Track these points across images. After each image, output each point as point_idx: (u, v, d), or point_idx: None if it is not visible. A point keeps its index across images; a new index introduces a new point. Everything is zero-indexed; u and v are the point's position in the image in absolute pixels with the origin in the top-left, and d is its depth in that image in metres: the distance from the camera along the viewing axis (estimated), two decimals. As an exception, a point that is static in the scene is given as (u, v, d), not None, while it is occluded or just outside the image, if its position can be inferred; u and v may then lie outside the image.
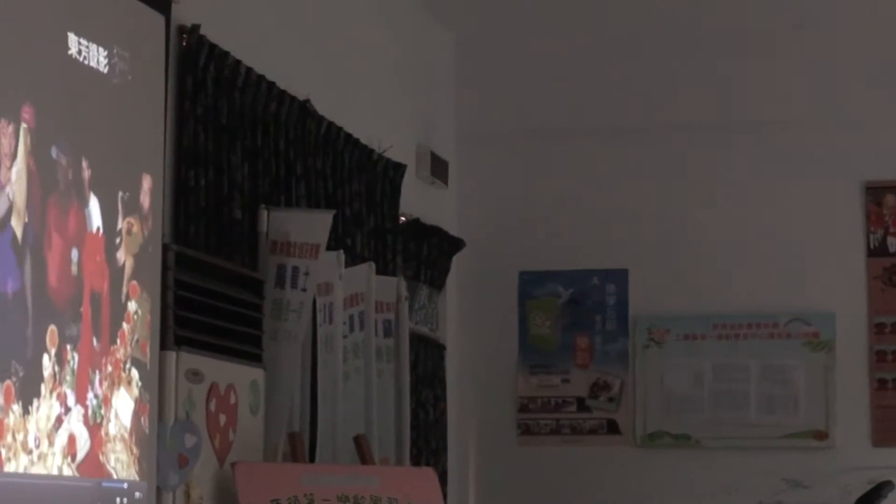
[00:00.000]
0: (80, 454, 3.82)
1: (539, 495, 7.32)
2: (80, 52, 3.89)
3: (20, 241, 3.58)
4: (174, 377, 4.33)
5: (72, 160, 3.82)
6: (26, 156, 3.62)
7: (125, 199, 4.08)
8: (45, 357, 3.67)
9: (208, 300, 4.59)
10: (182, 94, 4.78)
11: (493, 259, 7.48)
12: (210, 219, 4.86)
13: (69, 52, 3.85)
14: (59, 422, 3.72)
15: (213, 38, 4.90)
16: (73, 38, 3.86)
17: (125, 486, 4.03)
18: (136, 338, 4.10)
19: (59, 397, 3.72)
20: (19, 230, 3.58)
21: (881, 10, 6.98)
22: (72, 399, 3.78)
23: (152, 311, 4.20)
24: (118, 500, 4.01)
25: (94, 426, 3.89)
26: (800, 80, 7.23)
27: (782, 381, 7.22)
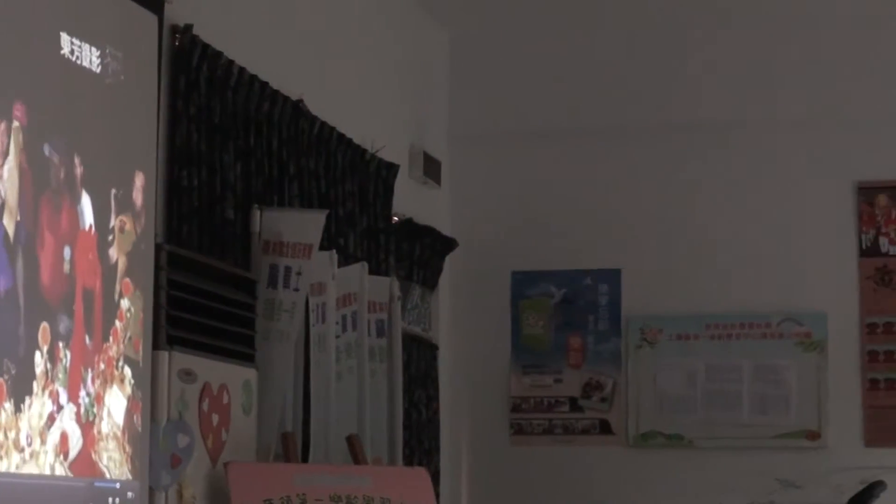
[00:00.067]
0: (73, 452, 3.82)
1: (531, 495, 7.32)
2: (72, 51, 3.89)
3: (12, 240, 3.58)
4: (167, 377, 4.33)
5: (64, 158, 3.82)
6: (18, 153, 3.62)
7: (118, 196, 4.08)
8: (37, 354, 3.67)
9: (201, 300, 4.59)
10: (175, 94, 4.79)
11: (486, 259, 7.48)
12: (203, 218, 4.86)
13: (62, 51, 3.86)
14: (51, 420, 3.72)
15: (205, 38, 4.91)
16: (65, 38, 3.87)
17: (117, 485, 4.03)
18: (128, 335, 4.10)
19: (51, 395, 3.72)
20: (11, 228, 3.58)
21: (876, 11, 7.00)
22: (64, 397, 3.78)
23: (145, 309, 4.20)
24: (110, 500, 4.00)
25: (87, 424, 3.89)
26: (793, 80, 7.23)
27: (775, 381, 7.22)
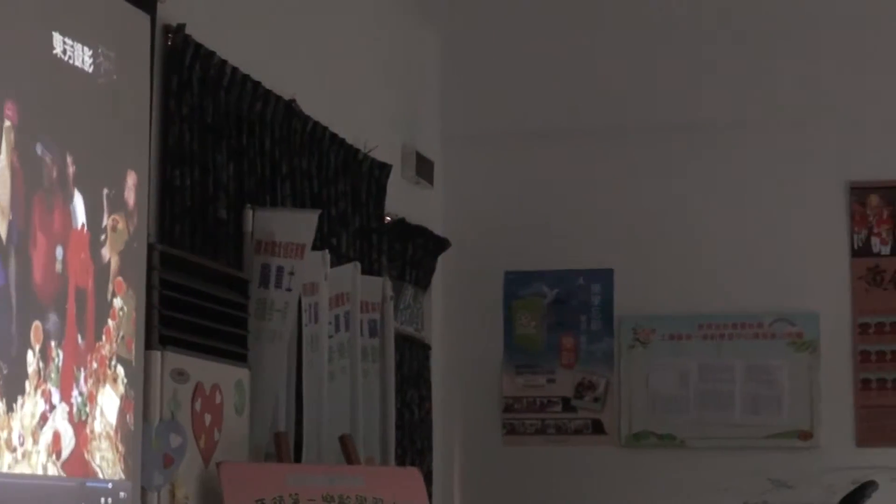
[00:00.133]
0: (65, 452, 3.82)
1: (524, 495, 7.32)
2: (65, 51, 3.89)
3: (4, 239, 3.57)
4: (159, 377, 4.33)
5: (56, 157, 3.82)
6: (10, 153, 3.61)
7: (110, 196, 4.08)
8: (29, 354, 3.66)
9: (193, 300, 4.58)
10: (167, 94, 4.78)
11: (479, 259, 7.48)
12: (195, 218, 4.86)
13: (54, 51, 3.85)
14: (43, 419, 3.72)
15: (198, 38, 4.90)
16: (58, 38, 3.86)
17: (109, 485, 4.03)
18: (121, 335, 4.10)
19: (43, 394, 3.71)
20: (3, 228, 3.57)
21: (868, 12, 7.00)
22: (56, 396, 3.78)
23: (138, 309, 4.20)
24: (102, 500, 4.00)
25: (79, 424, 3.88)
26: (785, 80, 7.24)
27: (767, 381, 7.22)
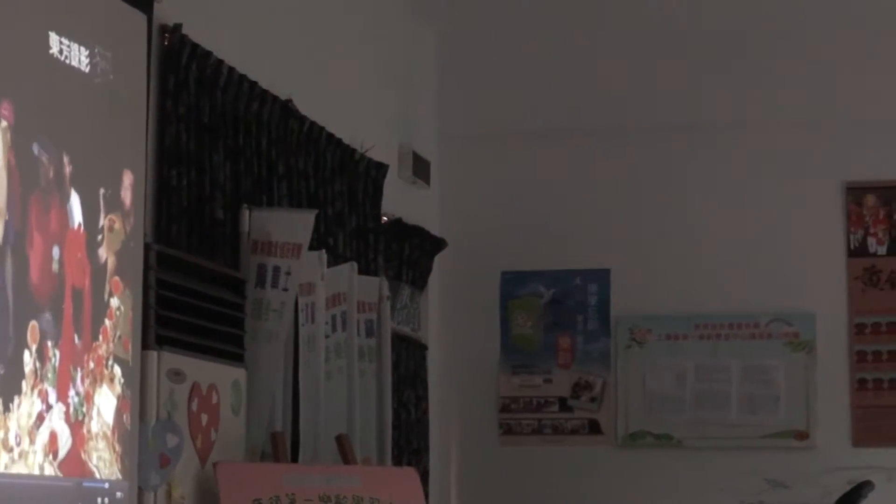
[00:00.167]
0: (62, 452, 3.82)
1: (521, 495, 7.32)
2: (61, 51, 3.89)
3: (0, 239, 3.57)
4: (156, 377, 4.33)
5: (53, 157, 3.82)
6: (6, 153, 3.61)
7: (106, 195, 4.07)
8: (25, 354, 3.66)
9: (190, 300, 4.58)
10: (164, 94, 4.78)
11: (475, 259, 7.48)
12: (192, 218, 4.86)
13: (51, 51, 3.85)
14: (40, 419, 3.71)
15: (195, 38, 4.90)
16: (54, 38, 3.86)
17: (106, 485, 4.02)
18: (118, 335, 4.10)
19: (40, 394, 3.71)
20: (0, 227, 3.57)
21: (868, 12, 7.00)
22: (53, 396, 3.77)
23: (134, 308, 4.20)
24: (99, 500, 4.00)
25: (76, 423, 3.88)
26: (782, 81, 7.25)
27: (763, 381, 7.23)
